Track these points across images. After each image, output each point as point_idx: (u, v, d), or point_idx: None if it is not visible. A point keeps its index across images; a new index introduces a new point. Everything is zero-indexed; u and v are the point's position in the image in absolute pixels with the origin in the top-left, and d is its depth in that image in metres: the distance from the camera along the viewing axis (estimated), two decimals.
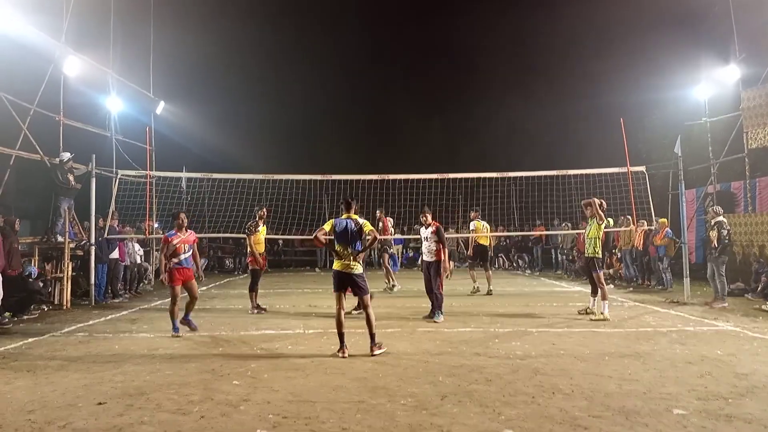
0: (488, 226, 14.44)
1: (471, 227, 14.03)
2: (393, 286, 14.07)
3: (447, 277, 9.87)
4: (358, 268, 7.08)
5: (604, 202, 10.20)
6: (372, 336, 6.97)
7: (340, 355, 6.79)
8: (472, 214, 14.32)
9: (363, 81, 33.26)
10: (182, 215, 8.64)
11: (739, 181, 16.73)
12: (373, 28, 33.50)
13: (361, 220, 7.20)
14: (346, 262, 7.06)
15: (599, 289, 9.69)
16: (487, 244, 14.39)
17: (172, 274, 8.40)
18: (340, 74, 32.86)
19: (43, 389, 5.48)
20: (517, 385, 5.51)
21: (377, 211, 13.90)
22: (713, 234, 11.35)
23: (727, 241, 11.35)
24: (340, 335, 6.94)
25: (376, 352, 6.86)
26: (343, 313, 7.06)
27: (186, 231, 8.63)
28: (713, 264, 11.32)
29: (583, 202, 10.31)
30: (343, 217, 7.25)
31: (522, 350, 7.09)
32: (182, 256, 8.46)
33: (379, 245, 13.66)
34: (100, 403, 5.01)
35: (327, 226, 7.13)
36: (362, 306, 7.28)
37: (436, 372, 6.02)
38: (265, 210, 11.59)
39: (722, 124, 16.80)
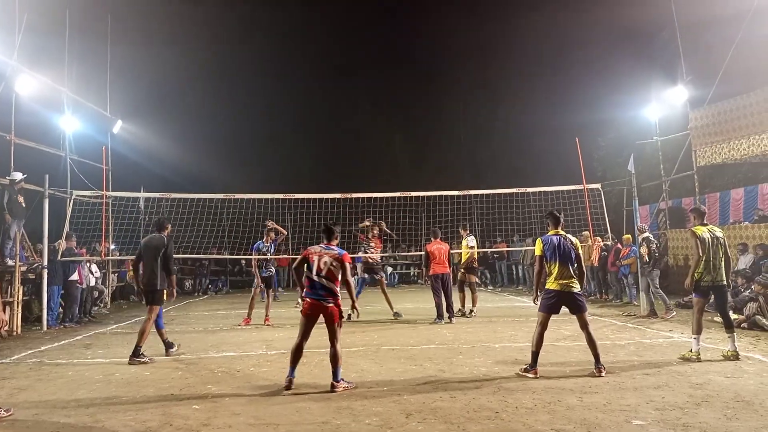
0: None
1: (470, 244, 12.82)
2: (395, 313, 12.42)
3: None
4: (577, 287, 6.76)
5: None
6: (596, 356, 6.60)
7: (531, 375, 6.44)
8: (465, 231, 13.08)
9: (325, 96, 33.40)
10: None
11: (690, 197, 17.37)
12: (334, 44, 33.73)
13: (572, 237, 6.92)
14: (567, 281, 6.68)
15: None
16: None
17: None
18: (302, 89, 32.91)
19: None
20: (481, 400, 5.54)
21: (374, 229, 12.85)
22: (644, 250, 11.82)
23: (657, 255, 11.98)
24: (535, 354, 6.58)
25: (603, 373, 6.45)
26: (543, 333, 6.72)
27: None
28: (647, 278, 11.77)
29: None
30: (551, 233, 6.89)
31: (485, 366, 7.14)
32: None
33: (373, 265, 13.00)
34: None
35: (537, 248, 6.83)
36: (582, 324, 6.78)
37: (400, 390, 6.00)
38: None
39: (672, 142, 17.46)
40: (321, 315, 6.31)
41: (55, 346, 9.45)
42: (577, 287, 6.76)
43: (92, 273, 13.84)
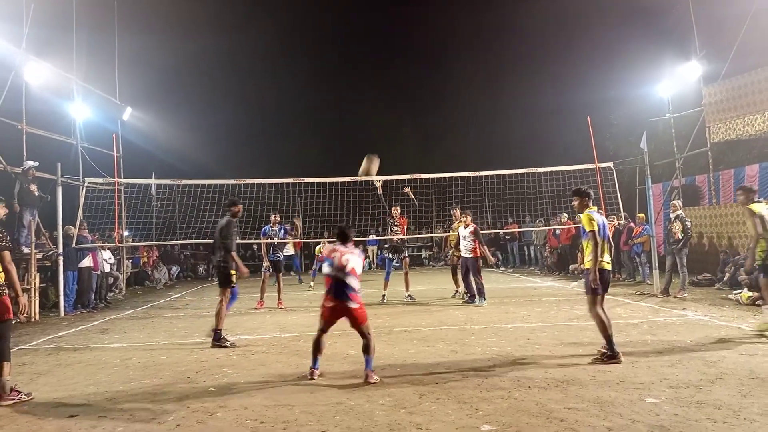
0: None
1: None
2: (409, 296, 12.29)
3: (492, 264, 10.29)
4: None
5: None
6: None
7: (615, 361, 5.98)
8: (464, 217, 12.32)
9: (334, 82, 33.30)
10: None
11: (703, 175, 17.18)
12: (343, 30, 33.51)
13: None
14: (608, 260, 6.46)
15: None
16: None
17: None
18: (311, 76, 32.82)
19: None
20: (494, 380, 5.56)
21: (397, 208, 12.80)
22: (676, 227, 11.63)
23: (690, 234, 11.67)
24: (609, 338, 6.14)
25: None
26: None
27: None
28: (677, 256, 11.59)
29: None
30: (594, 209, 6.58)
31: (498, 346, 7.15)
32: None
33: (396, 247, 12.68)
34: (71, 416, 4.89)
35: (592, 223, 6.33)
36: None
37: (413, 371, 6.03)
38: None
39: (685, 119, 17.23)
40: (344, 316, 5.94)
41: (72, 331, 9.59)
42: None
43: (106, 260, 13.99)
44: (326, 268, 6.02)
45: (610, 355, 6.05)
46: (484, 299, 11.13)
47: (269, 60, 31.13)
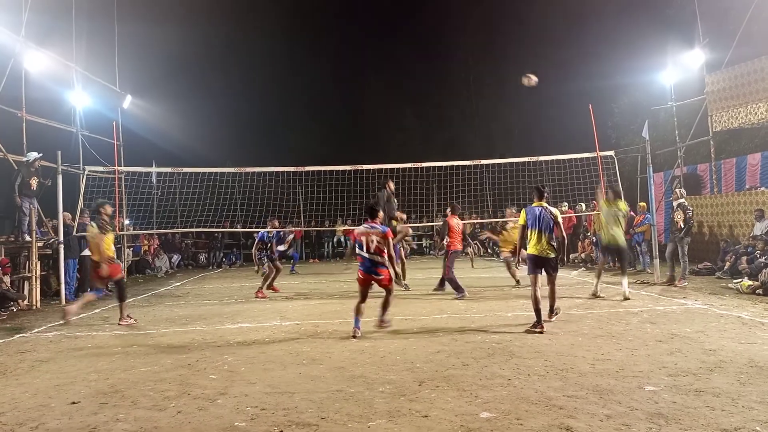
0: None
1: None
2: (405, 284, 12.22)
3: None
4: (553, 253, 7.62)
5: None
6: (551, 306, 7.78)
7: (538, 330, 7.12)
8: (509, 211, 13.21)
9: (336, 70, 33.15)
10: None
11: (705, 164, 17.14)
12: (345, 17, 33.35)
13: (552, 209, 7.78)
14: (544, 247, 7.56)
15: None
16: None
17: None
18: (313, 64, 32.65)
19: (14, 390, 5.36)
20: (494, 368, 5.58)
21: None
22: (678, 215, 11.61)
23: (691, 223, 11.66)
24: (537, 311, 7.33)
25: (553, 318, 7.70)
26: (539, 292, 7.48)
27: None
28: (678, 244, 11.56)
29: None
30: (535, 205, 7.81)
31: (497, 334, 7.17)
32: None
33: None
34: (73, 403, 4.92)
35: (521, 218, 7.85)
36: (550, 281, 7.79)
37: (413, 359, 6.05)
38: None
39: (688, 108, 17.16)
40: (374, 282, 7.41)
41: (74, 319, 9.61)
42: (552, 254, 7.60)
43: None
44: (357, 250, 7.38)
45: (535, 324, 7.27)
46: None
47: (270, 48, 31.02)
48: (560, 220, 7.80)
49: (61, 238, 11.86)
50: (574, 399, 4.58)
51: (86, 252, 12.48)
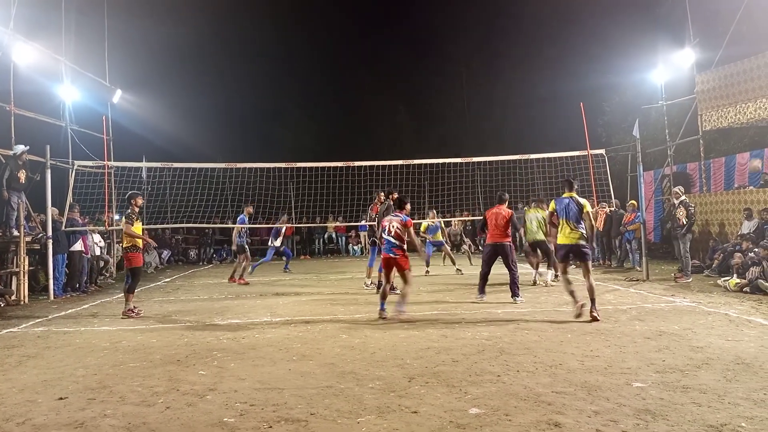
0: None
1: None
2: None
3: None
4: (582, 240, 7.96)
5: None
6: (592, 300, 7.77)
7: (579, 308, 7.64)
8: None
9: (329, 66, 33.07)
10: None
11: (695, 163, 17.26)
12: (338, 12, 33.19)
13: (581, 200, 8.11)
14: (575, 235, 7.94)
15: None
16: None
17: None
18: (305, 59, 32.52)
19: (0, 386, 5.31)
20: (483, 364, 5.59)
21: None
22: (681, 212, 11.72)
23: (694, 219, 11.82)
24: (571, 293, 7.86)
25: (594, 313, 7.64)
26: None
27: None
28: (680, 241, 11.71)
29: None
30: (564, 196, 8.16)
31: (488, 331, 7.20)
32: None
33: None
34: (60, 398, 4.89)
35: (551, 207, 8.30)
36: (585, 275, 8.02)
37: (403, 355, 6.06)
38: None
39: (678, 107, 17.26)
40: (393, 264, 8.30)
41: (62, 314, 9.57)
42: (581, 241, 7.90)
43: (96, 243, 13.92)
44: (381, 233, 8.59)
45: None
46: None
47: (262, 43, 30.86)
48: (589, 209, 8.14)
49: (50, 233, 11.77)
50: (563, 395, 4.61)
51: (76, 247, 12.43)
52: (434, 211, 15.06)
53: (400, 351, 6.26)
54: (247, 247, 13.76)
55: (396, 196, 12.57)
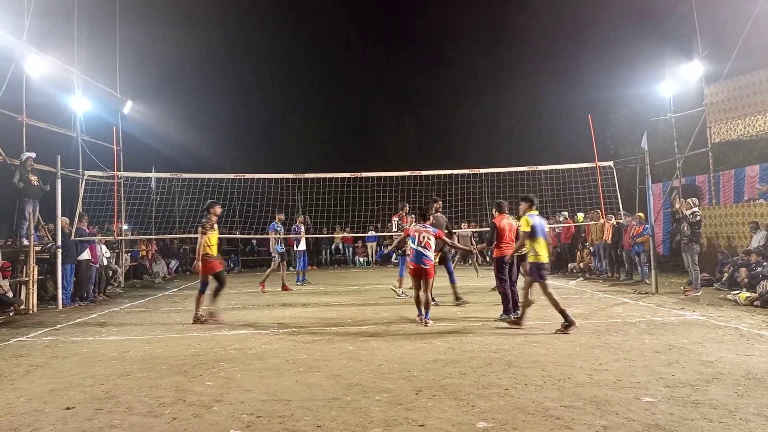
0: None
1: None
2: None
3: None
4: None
5: None
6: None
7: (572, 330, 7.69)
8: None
9: (336, 77, 33.21)
10: None
11: (704, 175, 17.16)
12: (345, 24, 33.44)
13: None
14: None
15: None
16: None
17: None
18: (313, 70, 32.74)
19: (8, 395, 5.33)
20: (491, 377, 5.56)
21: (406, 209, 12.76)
22: (686, 213, 11.69)
23: (697, 229, 11.73)
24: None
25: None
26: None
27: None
28: (687, 253, 11.64)
29: None
30: (535, 213, 8.25)
31: (495, 344, 7.15)
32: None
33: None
34: (68, 408, 4.90)
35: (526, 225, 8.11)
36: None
37: (410, 367, 6.03)
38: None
39: (687, 119, 17.21)
40: (421, 273, 8.50)
41: (70, 324, 9.60)
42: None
43: (103, 254, 13.99)
44: (410, 243, 8.67)
45: (566, 325, 7.74)
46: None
47: (270, 54, 31.11)
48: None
49: (59, 243, 11.84)
50: (571, 409, 4.57)
51: (83, 256, 12.49)
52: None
53: (407, 363, 6.23)
54: (285, 253, 14.51)
55: (408, 208, 12.74)
